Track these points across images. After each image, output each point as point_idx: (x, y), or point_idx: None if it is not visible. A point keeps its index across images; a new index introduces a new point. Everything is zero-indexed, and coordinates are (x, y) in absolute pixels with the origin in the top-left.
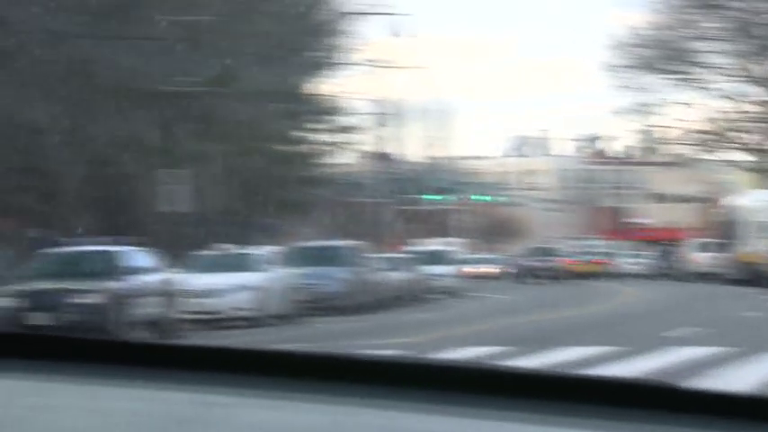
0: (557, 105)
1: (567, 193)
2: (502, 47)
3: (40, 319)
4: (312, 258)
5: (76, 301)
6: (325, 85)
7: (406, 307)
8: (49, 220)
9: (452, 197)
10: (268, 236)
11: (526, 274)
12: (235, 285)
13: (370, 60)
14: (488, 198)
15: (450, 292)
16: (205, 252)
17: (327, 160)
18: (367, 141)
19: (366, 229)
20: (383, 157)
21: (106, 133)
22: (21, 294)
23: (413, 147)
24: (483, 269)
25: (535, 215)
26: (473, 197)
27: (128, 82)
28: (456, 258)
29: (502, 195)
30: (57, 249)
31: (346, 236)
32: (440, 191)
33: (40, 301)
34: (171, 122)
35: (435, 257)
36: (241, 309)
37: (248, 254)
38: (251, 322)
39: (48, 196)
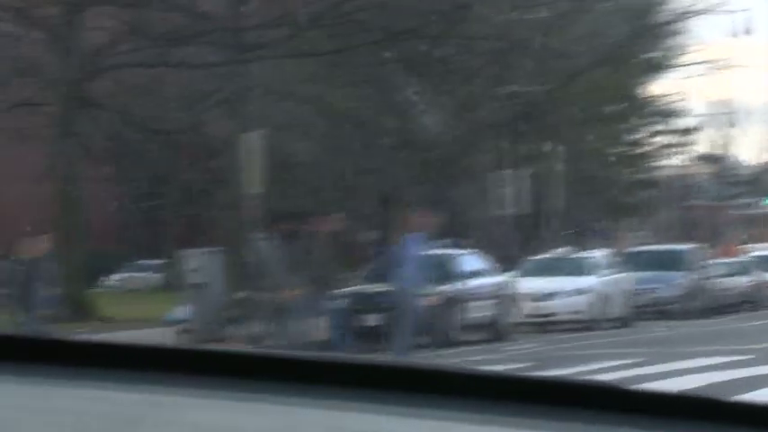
0: None
1: None
2: None
3: (372, 320)
4: (649, 262)
5: None
6: (662, 87)
7: (748, 313)
8: (383, 222)
9: None
10: (602, 239)
11: None
12: (571, 289)
13: (708, 61)
14: None
15: None
16: (539, 255)
17: (663, 163)
18: (703, 143)
19: (702, 232)
20: (719, 159)
21: (435, 132)
22: (354, 296)
23: (750, 149)
24: None
25: None
26: None
27: (462, 81)
28: None
29: None
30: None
31: (682, 240)
32: None
33: (372, 302)
34: (506, 123)
35: None
36: (577, 312)
37: (584, 257)
38: (586, 326)
39: (382, 198)
